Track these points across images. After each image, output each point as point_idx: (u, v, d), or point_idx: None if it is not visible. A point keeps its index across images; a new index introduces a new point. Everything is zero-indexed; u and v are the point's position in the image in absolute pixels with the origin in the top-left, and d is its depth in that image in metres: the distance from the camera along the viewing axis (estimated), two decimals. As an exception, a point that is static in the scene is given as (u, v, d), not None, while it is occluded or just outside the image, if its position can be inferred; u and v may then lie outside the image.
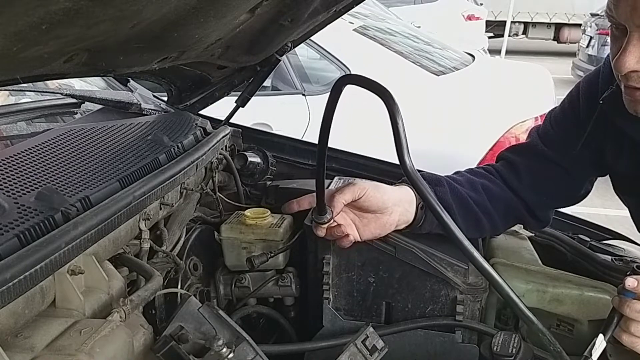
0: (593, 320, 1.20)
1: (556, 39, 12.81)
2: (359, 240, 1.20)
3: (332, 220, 1.15)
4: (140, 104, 1.67)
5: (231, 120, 1.74)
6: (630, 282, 0.99)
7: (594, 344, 0.98)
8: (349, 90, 0.97)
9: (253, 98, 1.69)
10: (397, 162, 0.96)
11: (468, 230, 1.26)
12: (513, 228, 1.44)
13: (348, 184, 1.18)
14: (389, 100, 0.90)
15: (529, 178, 1.31)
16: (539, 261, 1.32)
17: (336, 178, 1.55)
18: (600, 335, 0.99)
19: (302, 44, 1.79)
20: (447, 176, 1.31)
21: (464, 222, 1.24)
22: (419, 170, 1.32)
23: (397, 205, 1.19)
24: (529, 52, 12.17)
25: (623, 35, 0.99)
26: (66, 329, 0.83)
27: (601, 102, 1.18)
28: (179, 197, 1.32)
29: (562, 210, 1.50)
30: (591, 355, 0.97)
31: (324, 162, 1.09)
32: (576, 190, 1.34)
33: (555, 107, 1.36)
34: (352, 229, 1.20)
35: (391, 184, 1.24)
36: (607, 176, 1.32)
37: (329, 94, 1.00)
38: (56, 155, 1.15)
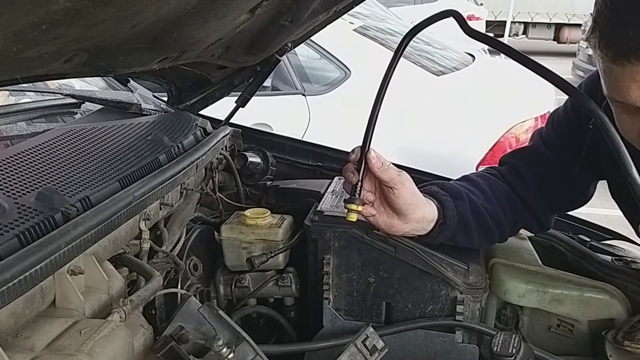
0: (593, 321, 1.20)
1: (556, 39, 12.80)
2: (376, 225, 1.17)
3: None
4: (140, 104, 1.67)
5: (231, 121, 1.75)
6: None
7: None
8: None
9: (253, 98, 1.69)
10: (398, 162, 0.97)
11: (481, 242, 1.27)
12: (513, 228, 1.44)
13: (395, 170, 1.13)
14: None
15: (534, 183, 1.30)
16: (539, 261, 1.32)
17: (336, 178, 1.55)
18: None
19: (302, 44, 1.79)
20: (463, 185, 1.29)
21: (478, 234, 1.24)
22: (441, 177, 1.28)
23: (416, 222, 1.17)
24: (529, 52, 12.03)
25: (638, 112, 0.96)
26: (66, 329, 0.83)
27: (591, 126, 1.17)
28: (179, 197, 1.32)
29: (562, 210, 1.50)
30: None
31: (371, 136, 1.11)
32: (581, 193, 1.33)
33: (558, 109, 1.35)
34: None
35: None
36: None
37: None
38: (56, 155, 1.15)
